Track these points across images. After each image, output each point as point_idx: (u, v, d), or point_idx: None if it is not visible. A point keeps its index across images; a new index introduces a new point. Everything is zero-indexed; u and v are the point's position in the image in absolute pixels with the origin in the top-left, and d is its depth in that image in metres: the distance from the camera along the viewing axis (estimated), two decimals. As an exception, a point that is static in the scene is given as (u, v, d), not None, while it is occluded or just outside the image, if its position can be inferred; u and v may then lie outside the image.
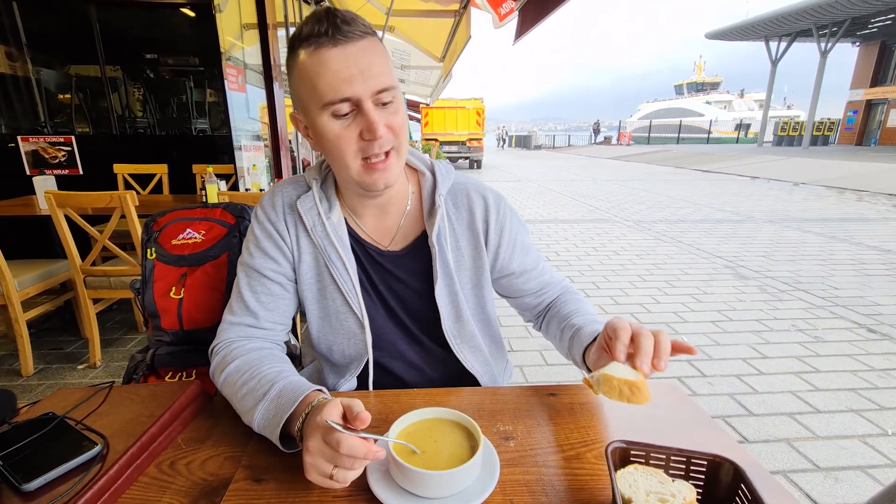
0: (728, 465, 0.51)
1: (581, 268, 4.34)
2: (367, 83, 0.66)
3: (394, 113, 0.71)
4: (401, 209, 0.85)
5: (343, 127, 0.69)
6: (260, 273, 0.81)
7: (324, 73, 0.66)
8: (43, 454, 0.58)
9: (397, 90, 0.71)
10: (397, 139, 0.71)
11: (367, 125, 0.67)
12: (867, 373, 2.40)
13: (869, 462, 1.75)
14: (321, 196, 0.82)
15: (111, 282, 2.28)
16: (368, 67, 0.66)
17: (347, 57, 0.66)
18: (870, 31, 21.30)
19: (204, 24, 3.66)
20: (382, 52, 0.70)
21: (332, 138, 0.70)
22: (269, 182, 3.90)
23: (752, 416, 2.05)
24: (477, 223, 0.85)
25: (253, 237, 0.83)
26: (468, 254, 0.86)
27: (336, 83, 0.66)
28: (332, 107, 0.67)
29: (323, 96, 0.67)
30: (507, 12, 3.48)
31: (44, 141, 3.28)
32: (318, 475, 0.53)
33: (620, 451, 0.54)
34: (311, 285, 0.83)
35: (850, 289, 3.70)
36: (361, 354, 0.84)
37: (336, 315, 0.83)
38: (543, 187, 10.95)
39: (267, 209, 0.83)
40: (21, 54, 3.89)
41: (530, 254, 0.91)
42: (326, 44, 0.65)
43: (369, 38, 0.68)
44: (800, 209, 7.54)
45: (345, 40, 0.66)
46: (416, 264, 0.84)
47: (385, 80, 0.68)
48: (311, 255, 0.82)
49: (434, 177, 0.86)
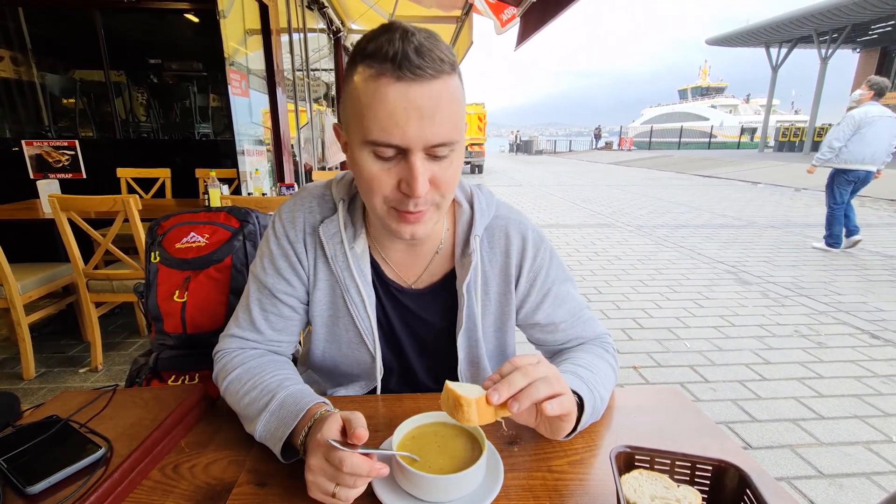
0: (733, 471, 0.51)
1: (583, 273, 4.33)
2: (423, 133, 0.56)
3: (446, 168, 0.61)
4: (432, 248, 0.78)
5: (382, 169, 0.60)
6: (272, 293, 0.77)
7: (376, 108, 0.56)
8: (47, 457, 0.58)
9: (459, 143, 0.61)
10: (441, 195, 0.63)
11: (409, 179, 0.58)
12: (871, 379, 2.39)
13: (874, 469, 1.74)
14: (347, 221, 0.75)
15: (113, 285, 2.28)
16: (431, 116, 0.56)
17: (409, 98, 0.55)
18: (870, 37, 21.37)
19: (208, 30, 3.69)
20: (454, 97, 0.59)
21: (367, 177, 0.61)
22: (271, 186, 3.91)
23: (756, 422, 2.03)
24: (511, 268, 0.78)
25: (268, 251, 0.77)
26: (495, 299, 0.80)
27: (387, 125, 0.56)
28: (376, 147, 0.58)
29: (368, 132, 0.57)
30: (509, 19, 3.50)
31: (48, 145, 3.29)
32: (320, 493, 0.53)
33: (625, 455, 0.54)
34: (322, 311, 0.79)
35: (852, 294, 3.69)
36: (368, 379, 0.83)
37: (347, 344, 0.80)
38: (544, 192, 10.96)
39: (286, 225, 0.76)
40: (26, 59, 3.92)
41: (563, 306, 0.81)
42: (389, 73, 0.55)
43: (442, 80, 0.57)
44: (801, 215, 7.53)
45: (411, 77, 0.55)
46: (438, 304, 0.79)
47: (446, 133, 0.58)
48: (327, 283, 0.77)
49: (472, 211, 0.77)
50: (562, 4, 2.86)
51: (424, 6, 4.71)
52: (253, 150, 3.62)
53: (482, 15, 3.78)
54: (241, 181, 3.45)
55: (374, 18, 4.51)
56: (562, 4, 2.86)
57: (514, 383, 0.53)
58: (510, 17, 3.49)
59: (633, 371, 2.49)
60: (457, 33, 5.17)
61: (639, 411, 0.75)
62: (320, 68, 6.50)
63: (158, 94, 4.46)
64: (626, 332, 3.03)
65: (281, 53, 3.93)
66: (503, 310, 0.81)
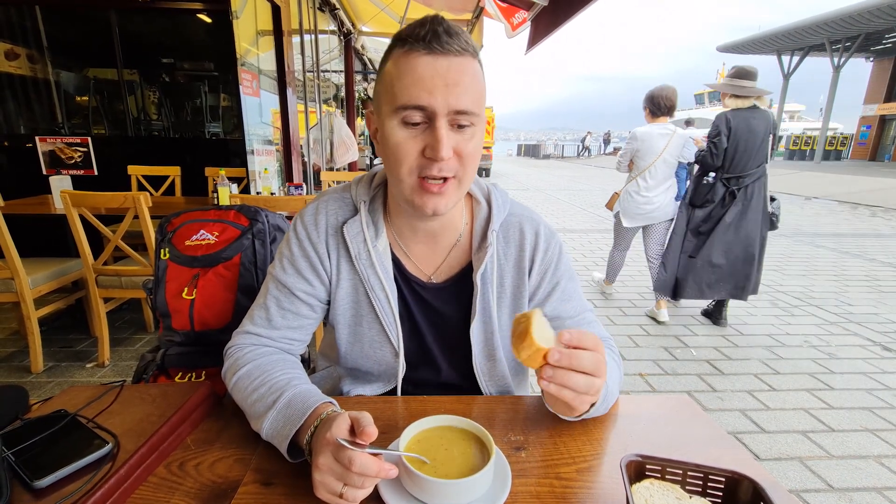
0: (747, 483, 0.50)
1: (588, 278, 4.31)
2: (447, 98, 0.62)
3: (468, 140, 0.66)
4: (451, 240, 0.81)
5: (408, 136, 0.64)
6: (291, 292, 0.78)
7: (406, 76, 0.62)
8: (54, 451, 0.58)
9: (479, 118, 0.66)
10: (463, 168, 0.67)
11: (433, 142, 0.63)
12: (882, 391, 2.35)
13: (885, 483, 1.70)
14: (368, 221, 0.78)
15: (122, 281, 2.30)
16: (455, 84, 0.62)
17: (437, 67, 0.62)
18: (884, 46, 21.15)
19: (220, 30, 3.73)
20: (476, 74, 0.65)
21: (394, 145, 0.65)
22: (279, 186, 3.93)
23: (764, 433, 2.01)
24: (525, 260, 0.81)
25: (288, 252, 0.79)
26: (511, 291, 0.82)
27: (415, 89, 0.62)
28: (405, 112, 0.63)
29: (398, 98, 0.63)
30: (520, 22, 3.50)
31: (61, 142, 3.33)
32: (327, 493, 0.52)
33: (636, 464, 0.53)
34: (345, 311, 0.80)
35: (864, 305, 3.64)
36: (390, 378, 0.83)
37: (370, 343, 0.81)
38: (551, 196, 10.93)
39: (309, 227, 0.79)
40: (42, 57, 3.98)
41: (570, 302, 0.84)
42: (420, 48, 0.62)
43: (467, 58, 0.64)
44: (812, 223, 7.45)
45: (441, 51, 0.62)
46: (457, 298, 0.81)
47: (469, 101, 0.63)
48: (350, 281, 0.79)
49: (489, 208, 0.81)
50: (573, 9, 2.86)
51: (435, 9, 4.73)
52: (262, 150, 3.64)
53: (493, 19, 3.78)
54: (250, 180, 3.47)
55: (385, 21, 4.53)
56: (573, 9, 2.86)
57: (578, 360, 0.57)
58: (521, 20, 3.49)
59: (640, 378, 2.47)
60: (467, 37, 5.18)
61: (648, 420, 0.74)
62: (330, 70, 6.54)
63: (170, 93, 4.51)
64: (633, 338, 3.01)
65: (292, 54, 3.96)
66: (518, 302, 0.82)
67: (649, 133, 3.20)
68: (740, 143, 2.84)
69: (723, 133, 2.85)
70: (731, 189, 2.94)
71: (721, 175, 2.96)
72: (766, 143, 2.87)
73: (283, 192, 3.61)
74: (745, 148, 2.85)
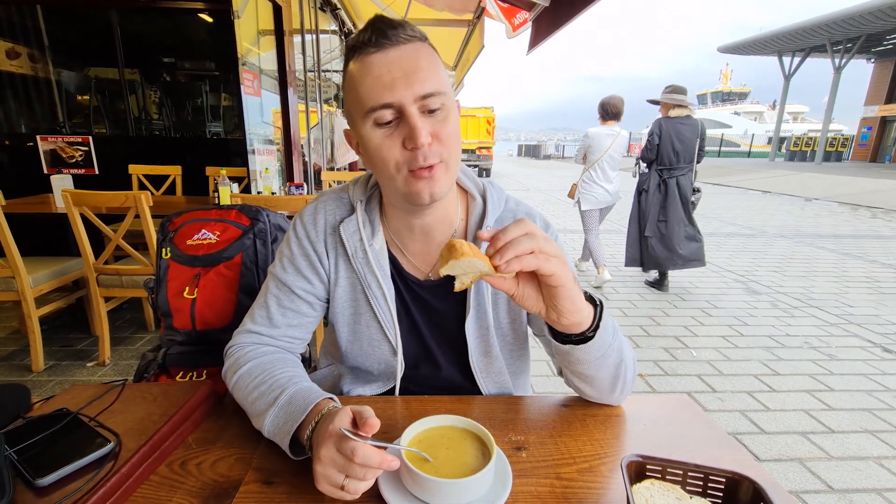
0: (748, 484, 0.50)
1: (589, 279, 4.31)
2: (410, 88, 0.62)
3: (442, 121, 0.66)
4: (447, 236, 0.81)
5: (385, 136, 0.65)
6: (291, 290, 0.79)
7: (365, 79, 0.63)
8: (56, 450, 0.58)
9: (447, 97, 0.66)
10: (447, 150, 0.67)
11: (410, 132, 0.63)
12: (883, 393, 2.35)
13: (885, 485, 1.70)
14: (365, 220, 0.79)
15: (123, 280, 2.30)
16: (413, 71, 0.63)
17: (390, 61, 0.63)
18: (885, 47, 21.15)
19: (222, 30, 3.74)
20: (430, 56, 0.66)
21: (374, 148, 0.66)
22: (280, 186, 3.93)
23: (764, 434, 2.01)
24: None
25: (288, 251, 0.80)
26: None
27: (377, 88, 0.63)
28: (374, 114, 0.64)
29: (365, 103, 0.64)
30: (521, 23, 3.50)
31: (62, 141, 3.34)
32: (328, 485, 0.53)
33: (636, 465, 0.53)
34: (344, 309, 0.81)
35: (864, 307, 3.64)
36: (389, 377, 0.83)
37: (369, 341, 0.81)
38: (551, 197, 10.94)
39: (308, 226, 0.80)
40: (43, 56, 3.98)
41: None
42: (369, 49, 0.63)
43: (416, 43, 0.65)
44: (812, 225, 7.45)
45: (388, 44, 0.63)
46: (454, 295, 0.79)
47: (431, 84, 0.64)
48: (347, 280, 0.80)
49: (484, 203, 0.81)
50: (574, 10, 2.86)
51: (436, 9, 4.73)
52: (263, 150, 3.64)
53: (493, 19, 3.78)
54: (251, 180, 3.47)
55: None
56: (574, 10, 2.86)
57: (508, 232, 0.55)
58: (522, 21, 3.49)
59: (640, 379, 2.47)
60: (468, 36, 5.18)
61: (648, 420, 0.74)
62: (331, 69, 6.54)
63: (171, 92, 4.52)
64: (633, 339, 3.01)
65: (293, 54, 3.96)
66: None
67: (598, 133, 3.95)
68: (669, 143, 3.68)
69: (655, 134, 3.71)
70: (663, 178, 3.81)
71: (655, 167, 3.82)
72: (693, 146, 3.69)
73: (284, 191, 3.61)
74: (673, 147, 3.68)
